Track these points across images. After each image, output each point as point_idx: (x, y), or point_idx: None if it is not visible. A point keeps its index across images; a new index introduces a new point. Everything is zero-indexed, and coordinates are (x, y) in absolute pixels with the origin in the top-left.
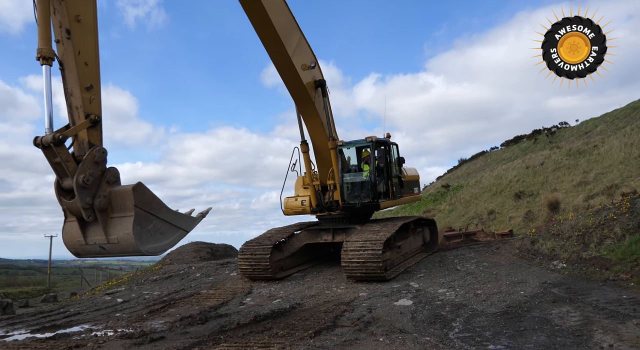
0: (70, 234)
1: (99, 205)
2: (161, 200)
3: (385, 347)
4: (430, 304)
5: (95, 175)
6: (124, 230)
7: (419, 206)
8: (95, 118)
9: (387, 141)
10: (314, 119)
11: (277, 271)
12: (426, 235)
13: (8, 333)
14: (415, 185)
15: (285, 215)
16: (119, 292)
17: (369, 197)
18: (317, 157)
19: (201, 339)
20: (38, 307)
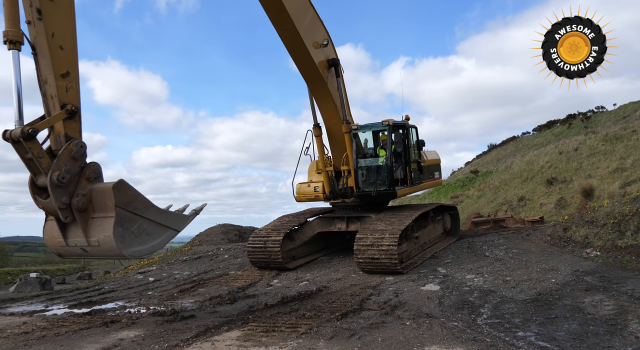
0: (51, 235)
1: (77, 205)
2: (147, 199)
3: (412, 331)
4: (458, 289)
5: (73, 171)
6: (105, 233)
7: (447, 191)
8: (72, 108)
9: (405, 124)
10: (327, 101)
11: (288, 261)
12: (447, 223)
13: (48, 308)
14: (436, 169)
15: (298, 202)
16: (151, 271)
17: (385, 184)
18: (331, 141)
19: (230, 318)
20: (74, 284)
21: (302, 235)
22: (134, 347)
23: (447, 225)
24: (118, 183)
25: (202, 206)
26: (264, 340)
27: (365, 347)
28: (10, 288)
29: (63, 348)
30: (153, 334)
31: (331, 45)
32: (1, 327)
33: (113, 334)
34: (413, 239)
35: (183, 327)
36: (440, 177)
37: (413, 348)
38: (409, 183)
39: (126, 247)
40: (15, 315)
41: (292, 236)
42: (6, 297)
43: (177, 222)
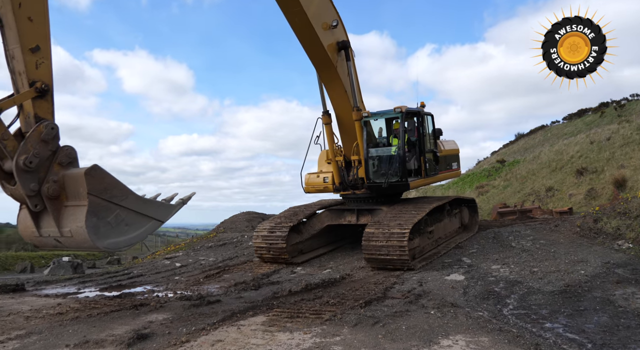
0: (25, 224)
1: (47, 192)
2: (126, 186)
3: (437, 320)
4: (483, 279)
5: (43, 155)
6: (77, 223)
7: (472, 181)
8: (42, 86)
9: (420, 111)
10: (337, 87)
11: (295, 255)
12: (464, 217)
13: (80, 290)
14: (454, 160)
15: (306, 193)
16: (177, 257)
17: (397, 175)
18: (341, 130)
19: (255, 304)
20: (104, 268)
21: (310, 228)
22: (163, 330)
23: (464, 219)
24: (91, 168)
25: (190, 195)
26: (289, 326)
27: (389, 335)
28: (45, 271)
29: (95, 329)
30: (180, 318)
31: (341, 26)
32: (37, 307)
33: (142, 317)
34: (427, 234)
35: (209, 311)
36: (459, 168)
37: (438, 337)
38: (423, 174)
39: (100, 238)
40: (50, 296)
41: (300, 229)
42: (41, 280)
43: (160, 212)
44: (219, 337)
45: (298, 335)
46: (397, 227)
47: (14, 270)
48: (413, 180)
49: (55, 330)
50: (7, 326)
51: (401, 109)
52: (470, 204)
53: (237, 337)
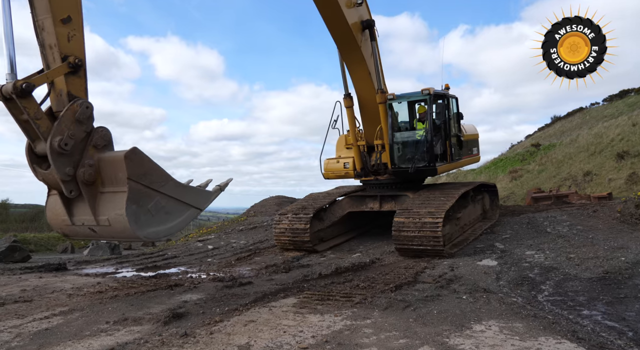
0: (55, 211)
1: (83, 177)
2: (165, 171)
3: (469, 305)
4: (517, 265)
5: (78, 137)
6: (116, 210)
7: (505, 166)
8: (76, 61)
9: (446, 94)
10: (360, 68)
11: (316, 243)
12: (486, 203)
13: (118, 270)
14: (474, 145)
15: (325, 179)
16: (209, 239)
17: (424, 160)
18: (363, 113)
19: (286, 286)
20: (140, 250)
21: (331, 216)
22: (197, 309)
23: (486, 205)
24: (131, 151)
25: (227, 181)
26: (319, 308)
27: (420, 319)
28: (84, 252)
29: (133, 307)
30: (214, 298)
31: (365, 4)
32: (79, 285)
33: (177, 297)
34: (455, 220)
35: (241, 292)
36: (478, 153)
37: (470, 322)
38: (448, 159)
39: (141, 227)
40: (90, 276)
41: (321, 216)
42: (81, 260)
43: (199, 199)
44: (251, 318)
45: (329, 317)
46: (429, 216)
47: (55, 251)
48: (440, 165)
49: (96, 307)
50: (52, 303)
51: (429, 90)
52: (490, 193)
53: (269, 318)
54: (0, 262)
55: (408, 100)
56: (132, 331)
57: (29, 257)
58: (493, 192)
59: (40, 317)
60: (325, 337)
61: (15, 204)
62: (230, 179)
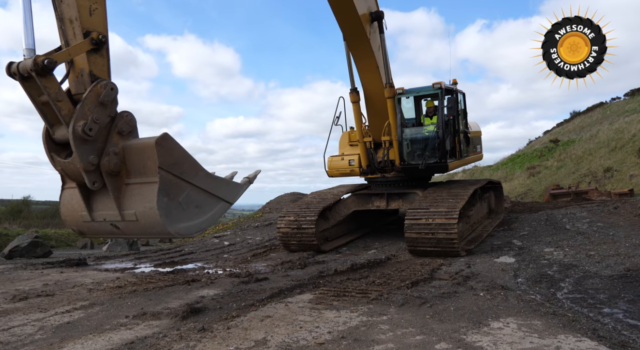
0: (71, 206)
1: (108, 167)
2: (196, 160)
3: (487, 302)
4: (535, 262)
5: (102, 122)
6: (145, 203)
7: (522, 162)
8: (99, 37)
9: (455, 89)
10: (368, 61)
11: (322, 242)
12: (492, 202)
13: (136, 266)
14: (478, 142)
15: (330, 177)
16: (225, 236)
17: (435, 157)
18: (369, 108)
19: (302, 282)
20: (157, 246)
21: (336, 215)
22: (214, 304)
23: (491, 203)
24: (162, 138)
25: (255, 173)
26: (335, 304)
27: (437, 315)
28: (103, 247)
29: (152, 302)
30: (230, 294)
31: None
32: (98, 280)
33: (194, 292)
34: (465, 218)
35: (258, 288)
36: (482, 151)
37: (487, 319)
38: (457, 155)
39: (173, 222)
40: (109, 271)
41: (326, 215)
42: (101, 255)
43: (230, 192)
44: (267, 313)
45: (345, 313)
46: (444, 216)
47: (75, 246)
48: (451, 162)
49: (115, 302)
50: (73, 297)
51: (440, 84)
52: (496, 191)
53: (285, 313)
54: (23, 257)
55: (417, 94)
56: (151, 325)
57: (50, 252)
58: (498, 189)
59: (62, 311)
60: (341, 333)
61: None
62: (259, 171)
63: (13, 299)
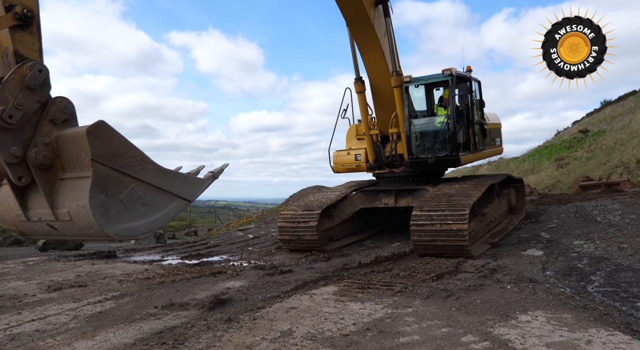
0: (7, 204)
1: (35, 159)
2: (142, 152)
3: (514, 295)
4: (565, 255)
5: (28, 108)
6: (78, 201)
7: (550, 153)
8: (24, 12)
9: (469, 76)
10: (373, 48)
11: (325, 242)
12: (512, 199)
13: (164, 258)
14: (497, 135)
15: (335, 173)
16: (250, 229)
17: (446, 150)
18: (376, 99)
19: (326, 274)
20: (183, 239)
21: (341, 213)
22: (240, 296)
23: (512, 200)
24: (95, 126)
25: (221, 168)
26: (360, 296)
27: (463, 308)
28: (131, 240)
29: (179, 293)
30: (256, 285)
31: None
32: (128, 272)
33: (221, 283)
34: (480, 216)
35: (282, 280)
36: (501, 144)
37: (515, 312)
38: (472, 148)
39: (111, 222)
40: (138, 263)
41: (331, 213)
42: (129, 248)
43: (187, 188)
44: (292, 305)
45: (369, 305)
46: (454, 207)
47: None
48: (464, 155)
49: (144, 293)
50: (104, 288)
51: (450, 71)
52: (517, 187)
53: (310, 305)
54: (56, 249)
55: (426, 82)
56: (179, 316)
57: (82, 245)
58: (520, 187)
59: (94, 301)
60: (366, 325)
61: None
62: (226, 165)
63: (48, 289)
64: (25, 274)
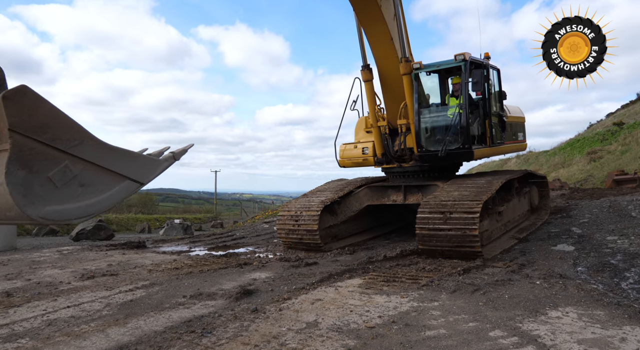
0: None
1: None
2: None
3: (543, 290)
4: (597, 251)
5: None
6: None
7: (582, 146)
8: None
9: (485, 63)
10: (381, 33)
11: (328, 241)
12: (534, 198)
13: (191, 249)
14: (520, 129)
15: (342, 167)
16: (275, 221)
17: (458, 142)
18: (385, 88)
19: (351, 267)
20: (210, 231)
21: (346, 209)
22: (266, 287)
23: (534, 200)
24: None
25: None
26: (385, 289)
27: (490, 303)
28: (160, 231)
29: (207, 283)
30: (281, 277)
31: None
32: (157, 262)
33: (247, 274)
34: (495, 215)
35: (308, 272)
36: (525, 139)
37: (545, 308)
38: (488, 142)
39: (35, 203)
40: (166, 253)
41: (334, 210)
42: (158, 239)
43: (139, 169)
44: (318, 296)
45: (395, 298)
46: (464, 203)
47: (134, 231)
48: (478, 149)
49: (173, 282)
50: (135, 277)
51: (464, 55)
52: (540, 185)
53: (335, 297)
54: (88, 239)
55: (438, 69)
56: (207, 305)
57: (113, 235)
58: (543, 184)
59: (125, 289)
60: (392, 318)
61: None
62: (191, 145)
63: (82, 277)
64: (60, 263)
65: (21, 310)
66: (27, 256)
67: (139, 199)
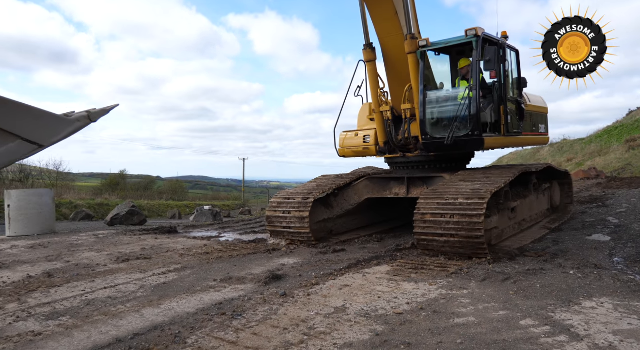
0: None
1: None
2: None
3: (577, 280)
4: (635, 241)
5: None
6: None
7: (620, 134)
8: None
9: (502, 42)
10: (384, 7)
11: (322, 235)
12: (555, 196)
13: (221, 235)
14: (541, 120)
15: (341, 157)
16: None
17: (467, 128)
18: (389, 70)
19: (378, 255)
20: (238, 217)
21: (343, 202)
22: (294, 272)
23: (555, 198)
24: None
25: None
26: (414, 277)
27: (521, 292)
28: (190, 218)
29: (237, 267)
30: (309, 263)
31: None
32: (188, 247)
33: (275, 260)
34: (507, 212)
35: (335, 258)
36: (547, 132)
37: (578, 298)
38: (502, 130)
39: None
40: (197, 238)
41: (330, 202)
42: (189, 225)
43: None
44: (345, 283)
45: (423, 286)
46: (469, 195)
47: (165, 217)
48: (489, 137)
49: (204, 266)
50: (167, 260)
51: (475, 31)
52: (562, 181)
53: (363, 283)
54: (122, 224)
55: (447, 46)
56: (237, 289)
57: (145, 220)
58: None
59: (159, 272)
60: (420, 305)
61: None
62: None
63: (117, 260)
64: (97, 246)
65: (62, 290)
66: (65, 239)
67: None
